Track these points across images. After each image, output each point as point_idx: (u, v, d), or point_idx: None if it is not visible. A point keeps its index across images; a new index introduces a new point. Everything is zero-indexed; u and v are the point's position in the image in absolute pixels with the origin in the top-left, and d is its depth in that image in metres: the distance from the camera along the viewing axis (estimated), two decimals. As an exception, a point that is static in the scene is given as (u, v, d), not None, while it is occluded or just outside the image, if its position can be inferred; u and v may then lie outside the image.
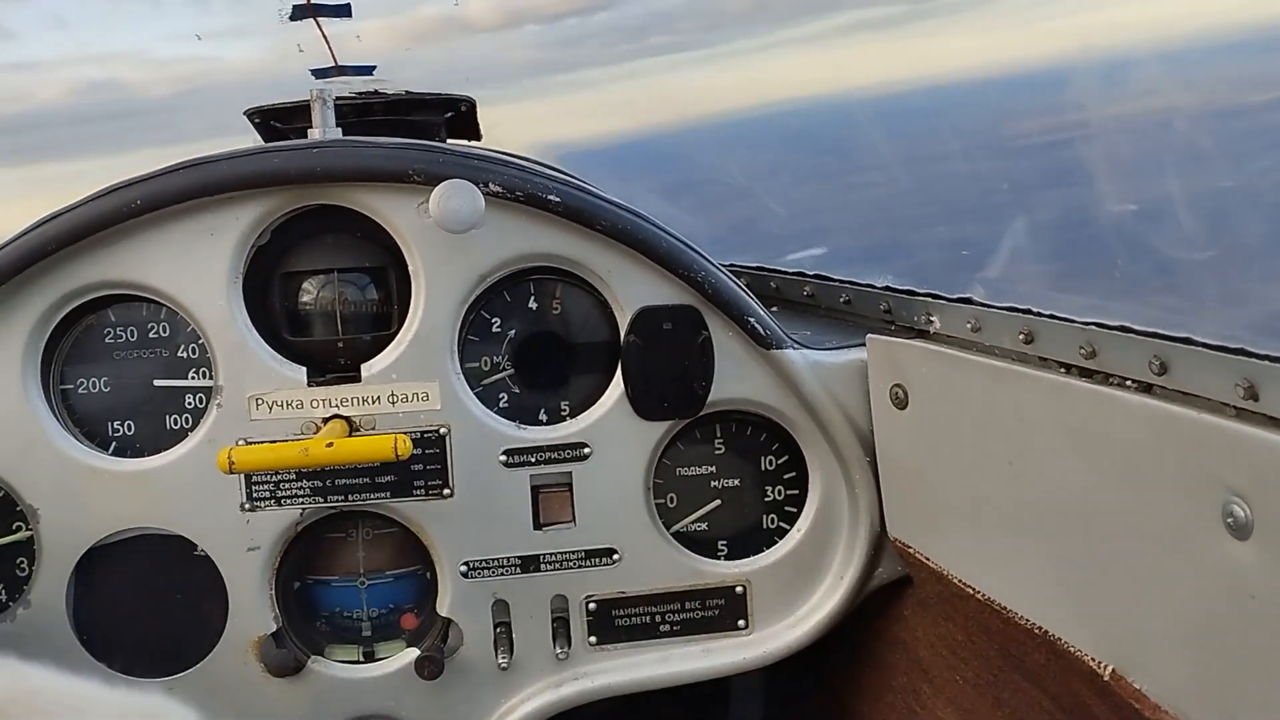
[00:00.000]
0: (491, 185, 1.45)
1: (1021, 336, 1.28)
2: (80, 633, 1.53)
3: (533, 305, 1.57)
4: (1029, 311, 1.29)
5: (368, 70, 1.89)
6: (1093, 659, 1.13)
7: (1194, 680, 1.00)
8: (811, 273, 1.83)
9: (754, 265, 1.99)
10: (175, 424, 1.53)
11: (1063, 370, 1.21)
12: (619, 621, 1.59)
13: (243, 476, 1.50)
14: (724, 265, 1.82)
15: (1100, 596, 1.12)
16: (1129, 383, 1.12)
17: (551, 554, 1.57)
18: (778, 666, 1.62)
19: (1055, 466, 1.18)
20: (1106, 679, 1.10)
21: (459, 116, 1.96)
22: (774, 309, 1.70)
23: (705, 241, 1.59)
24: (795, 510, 1.63)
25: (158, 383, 1.53)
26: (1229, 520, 0.92)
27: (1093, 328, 1.17)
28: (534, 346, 1.58)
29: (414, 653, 1.56)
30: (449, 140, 1.98)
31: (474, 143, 2.08)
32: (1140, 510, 1.04)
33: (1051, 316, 1.25)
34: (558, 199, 1.47)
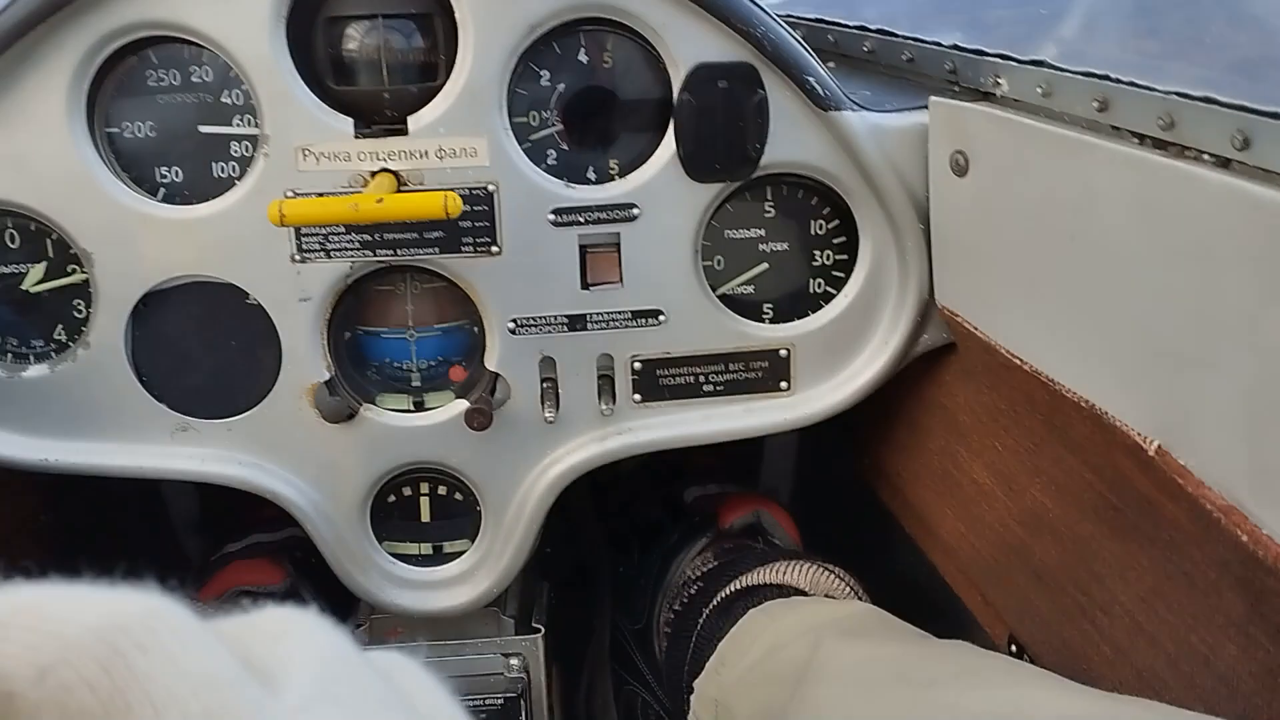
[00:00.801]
0: None
1: (1095, 104, 1.22)
2: (140, 374, 1.57)
3: (583, 59, 1.51)
4: (1105, 77, 1.23)
5: None
6: (1139, 434, 1.14)
7: (1242, 459, 1.01)
8: (874, 27, 1.75)
9: (812, 17, 1.89)
10: (222, 172, 1.52)
11: (1136, 141, 1.17)
12: (663, 380, 1.62)
13: (292, 229, 1.50)
14: (780, 15, 1.73)
15: (1153, 373, 1.12)
16: (1207, 156, 1.08)
17: (598, 313, 1.58)
18: (834, 425, 1.66)
19: (1120, 240, 1.15)
20: (1151, 453, 1.12)
21: None
22: (830, 65, 1.62)
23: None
24: (843, 276, 1.62)
25: (203, 129, 1.51)
26: (1300, 303, 0.91)
27: (1173, 97, 1.12)
28: (583, 102, 1.53)
29: (463, 404, 1.60)
30: None
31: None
32: (1205, 289, 1.03)
33: (1130, 84, 1.19)
34: None
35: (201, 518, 2.23)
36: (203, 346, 1.57)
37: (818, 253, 1.62)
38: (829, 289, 1.63)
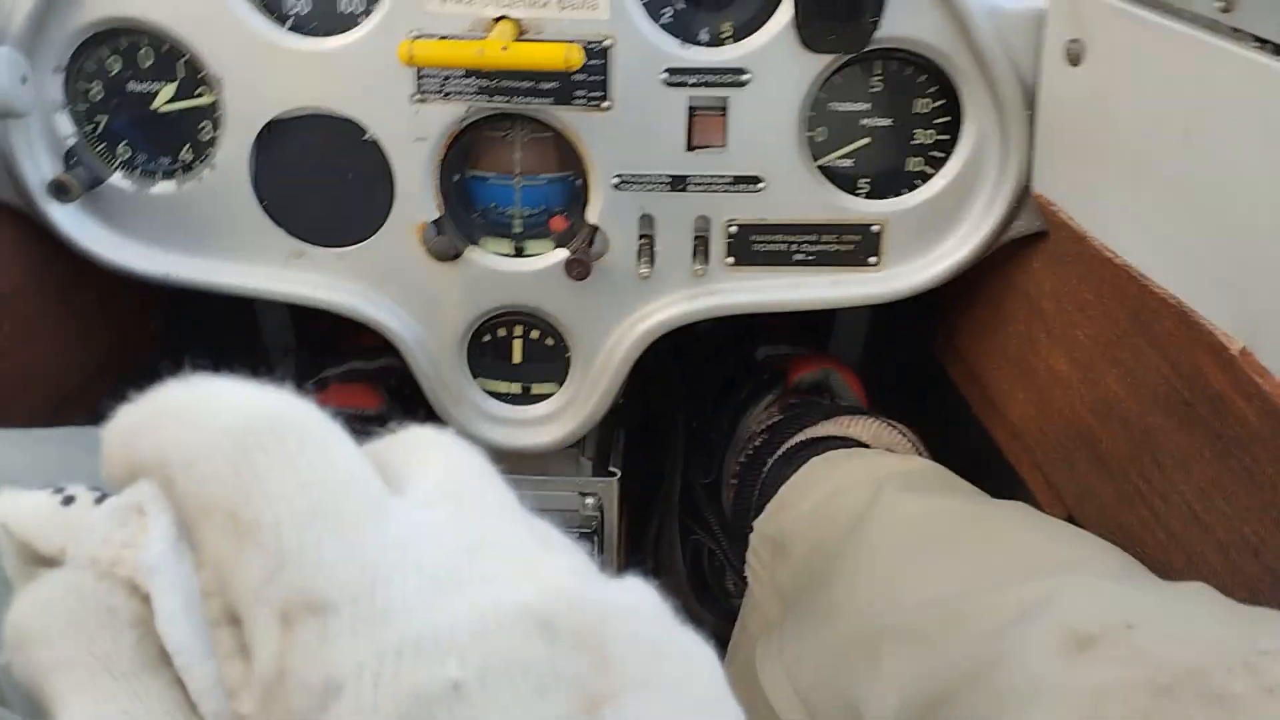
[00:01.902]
0: None
1: (1219, 3, 1.23)
2: (261, 198, 1.65)
3: None
4: (1238, -23, 1.23)
5: None
6: (1224, 334, 1.18)
7: (1322, 365, 1.06)
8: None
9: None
10: (348, 7, 1.57)
11: (1258, 45, 1.17)
12: (756, 246, 1.67)
13: (413, 70, 1.55)
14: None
15: (1249, 279, 1.16)
16: (1331, 67, 1.09)
17: (700, 176, 1.62)
18: (914, 302, 1.71)
19: (1232, 145, 1.17)
20: (1234, 353, 1.16)
21: None
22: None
23: None
24: (942, 156, 1.64)
25: None
26: (1405, 221, 0.94)
27: (1305, 4, 1.12)
28: None
29: (563, 253, 1.67)
30: None
31: None
32: (1311, 199, 1.06)
33: (1260, -14, 1.19)
34: None
35: (297, 341, 2.34)
36: (321, 177, 1.64)
37: (919, 131, 1.64)
38: (927, 168, 1.66)
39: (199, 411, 0.46)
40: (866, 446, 1.70)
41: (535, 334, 1.77)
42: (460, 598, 0.44)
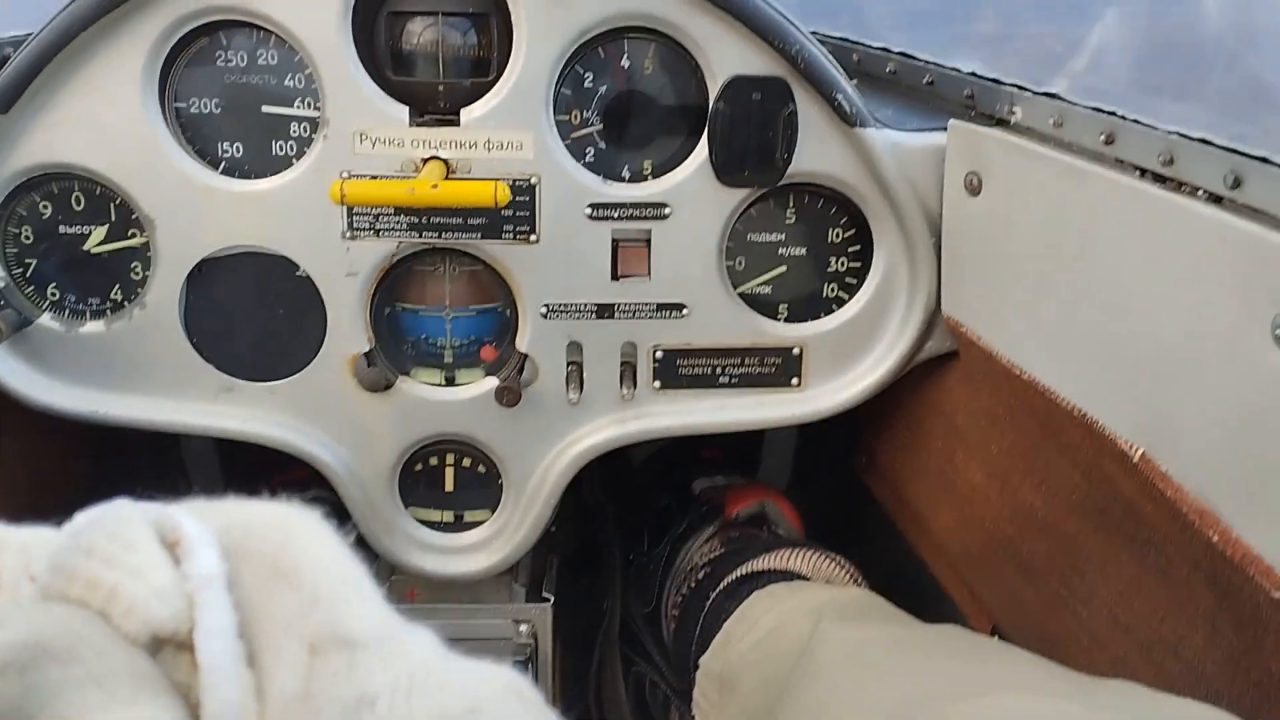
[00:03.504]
0: None
1: (1102, 137, 1.33)
2: (191, 335, 1.66)
3: (625, 65, 1.61)
4: (1112, 113, 1.34)
5: None
6: (1125, 441, 1.25)
7: (1217, 468, 1.12)
8: (897, 50, 1.85)
9: (838, 35, 1.99)
10: (281, 150, 1.62)
11: (1138, 174, 1.27)
12: (682, 370, 1.72)
13: (344, 208, 1.59)
14: (809, 32, 1.84)
15: (1141, 387, 1.23)
16: (1201, 193, 1.18)
17: (626, 303, 1.68)
18: (838, 422, 1.76)
19: (1119, 265, 1.26)
20: (1136, 460, 1.22)
21: None
22: (854, 81, 1.73)
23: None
24: (856, 283, 1.72)
25: (266, 109, 1.60)
26: (1277, 332, 1.02)
27: (1173, 136, 1.23)
28: (623, 105, 1.63)
29: (493, 381, 1.70)
30: None
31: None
32: (1193, 313, 1.14)
33: (1135, 121, 1.30)
34: None
35: (223, 478, 2.32)
36: (252, 313, 1.66)
37: (833, 259, 1.72)
38: (842, 294, 1.73)
39: (249, 504, 0.57)
40: (806, 579, 1.74)
41: (467, 461, 1.78)
42: (461, 665, 0.54)
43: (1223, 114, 1.28)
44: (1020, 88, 1.53)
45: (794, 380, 1.74)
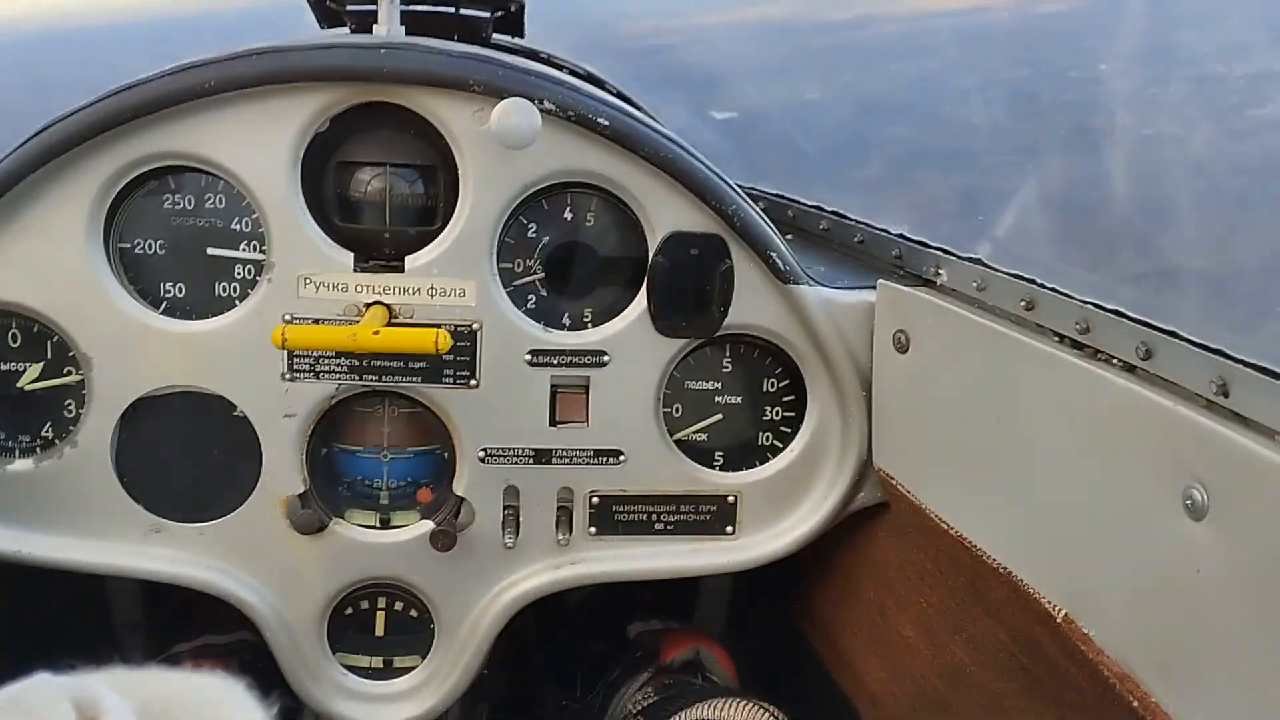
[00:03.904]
0: (546, 103, 1.53)
1: (1023, 303, 1.39)
2: (121, 475, 1.64)
3: (568, 216, 1.66)
4: (1033, 281, 1.40)
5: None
6: (1049, 602, 1.27)
7: (1137, 633, 1.14)
8: (829, 209, 1.93)
9: (774, 192, 2.07)
10: (224, 291, 1.63)
11: (1057, 340, 1.33)
12: (618, 516, 1.73)
13: (285, 350, 1.60)
14: (746, 188, 1.91)
15: (1064, 549, 1.26)
16: (1115, 361, 1.24)
17: (563, 449, 1.69)
18: (776, 572, 1.77)
19: (1038, 427, 1.30)
20: (1059, 620, 1.25)
21: (507, 15, 2.01)
22: (789, 237, 1.80)
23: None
24: (790, 432, 1.75)
25: (211, 251, 1.62)
26: (1187, 502, 1.05)
27: (1089, 306, 1.29)
28: (565, 256, 1.67)
29: (427, 525, 1.69)
30: (495, 34, 2.04)
31: (519, 39, 2.13)
32: (1108, 479, 1.17)
33: (1053, 289, 1.36)
34: (606, 122, 1.55)
35: (146, 617, 2.25)
36: (185, 452, 1.65)
37: (768, 408, 1.76)
38: (776, 443, 1.76)
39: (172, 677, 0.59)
40: None
41: (399, 606, 1.76)
42: None
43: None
44: (946, 251, 1.60)
45: (729, 528, 1.75)
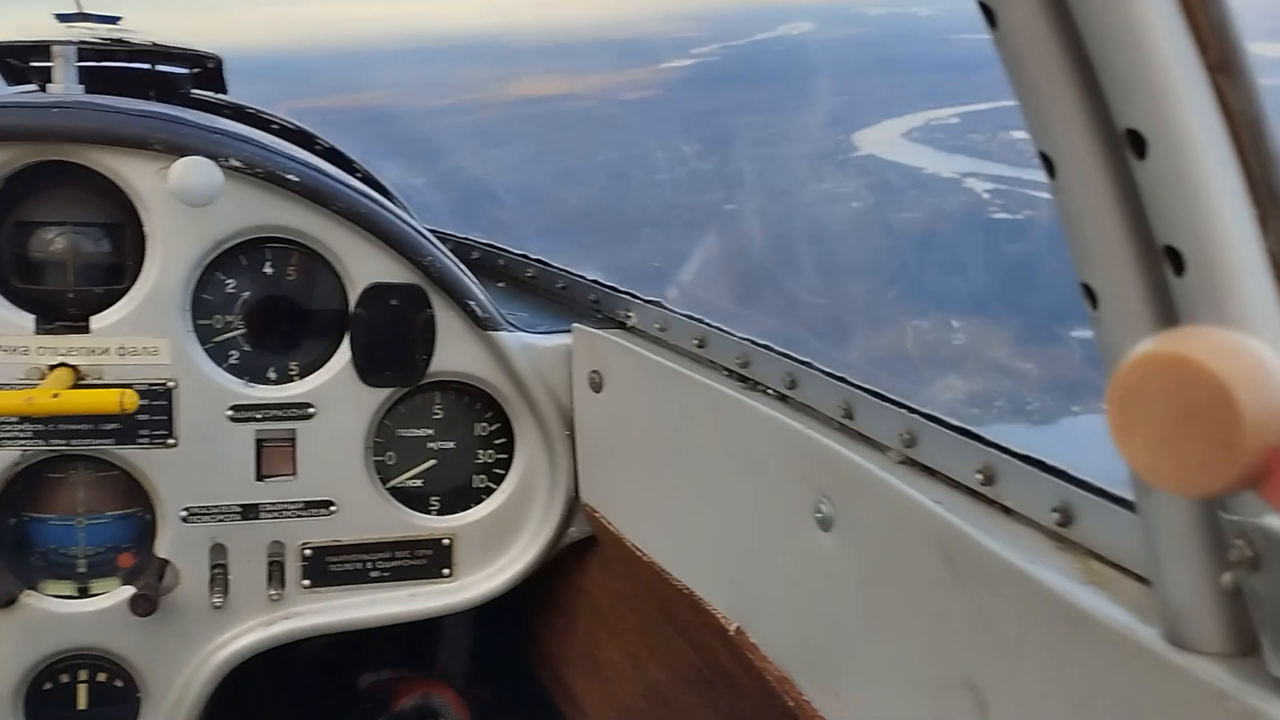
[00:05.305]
0: (232, 160, 1.54)
1: (695, 341, 1.50)
2: None
3: (268, 270, 1.67)
4: (703, 321, 1.52)
5: (112, 20, 1.90)
6: (723, 617, 1.37)
7: (792, 640, 1.25)
8: (535, 257, 2.00)
9: (486, 242, 2.13)
10: None
11: (726, 374, 1.44)
12: (332, 567, 1.73)
13: None
14: (460, 239, 1.97)
15: (733, 567, 1.36)
16: (770, 391, 1.36)
17: (271, 503, 1.68)
18: (484, 609, 1.81)
19: (709, 456, 1.41)
20: (732, 634, 1.35)
21: (205, 72, 2.00)
22: (501, 284, 1.86)
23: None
24: (503, 473, 1.81)
25: None
26: (818, 515, 1.17)
27: (747, 342, 1.41)
28: (266, 309, 1.68)
29: (129, 590, 1.65)
30: (196, 91, 2.02)
31: (221, 95, 2.12)
32: (761, 500, 1.29)
33: (718, 328, 1.48)
34: (296, 178, 1.58)
35: None
36: None
37: (481, 451, 1.80)
38: (490, 484, 1.81)
39: None
40: None
41: (102, 677, 1.70)
42: None
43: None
44: (634, 295, 1.70)
45: (445, 570, 1.78)
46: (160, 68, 1.90)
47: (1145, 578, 0.82)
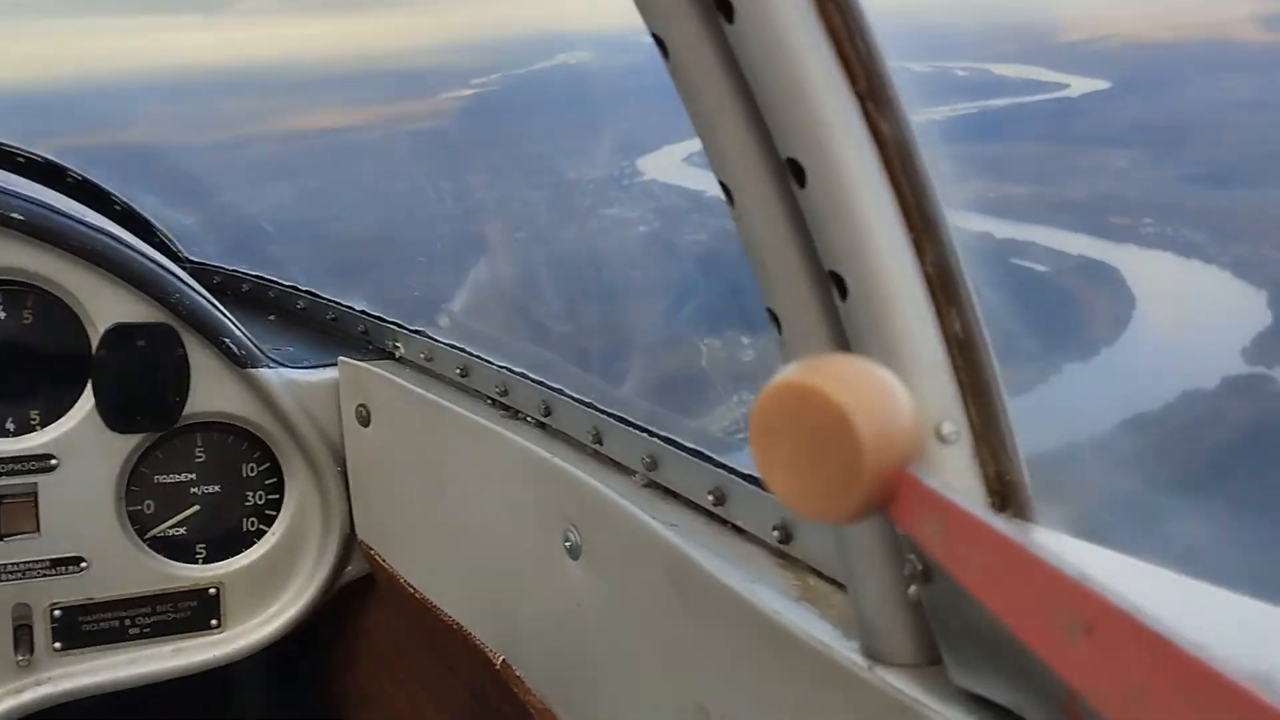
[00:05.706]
0: None
1: (458, 370, 1.48)
2: None
3: (1, 315, 1.56)
4: (466, 351, 1.49)
5: None
6: (491, 651, 1.35)
7: (552, 671, 1.24)
8: (304, 289, 1.94)
9: (255, 274, 2.06)
10: None
11: (489, 402, 1.42)
12: (86, 627, 1.63)
13: None
14: (230, 271, 1.89)
15: (498, 599, 1.34)
16: (529, 419, 1.34)
17: (13, 564, 1.57)
18: (276, 656, 1.73)
19: (469, 487, 1.38)
20: (499, 668, 1.32)
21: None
22: (271, 317, 1.79)
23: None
24: (274, 514, 1.74)
25: None
26: (566, 544, 1.16)
27: (505, 370, 1.39)
28: (1, 356, 1.57)
29: None
30: None
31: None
32: (518, 530, 1.27)
33: (480, 357, 1.46)
34: (20, 216, 1.48)
35: None
36: None
37: (250, 493, 1.73)
38: (262, 526, 1.74)
39: None
40: None
41: None
42: None
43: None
44: (400, 325, 1.66)
45: (213, 621, 1.70)
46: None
47: (853, 592, 0.84)
